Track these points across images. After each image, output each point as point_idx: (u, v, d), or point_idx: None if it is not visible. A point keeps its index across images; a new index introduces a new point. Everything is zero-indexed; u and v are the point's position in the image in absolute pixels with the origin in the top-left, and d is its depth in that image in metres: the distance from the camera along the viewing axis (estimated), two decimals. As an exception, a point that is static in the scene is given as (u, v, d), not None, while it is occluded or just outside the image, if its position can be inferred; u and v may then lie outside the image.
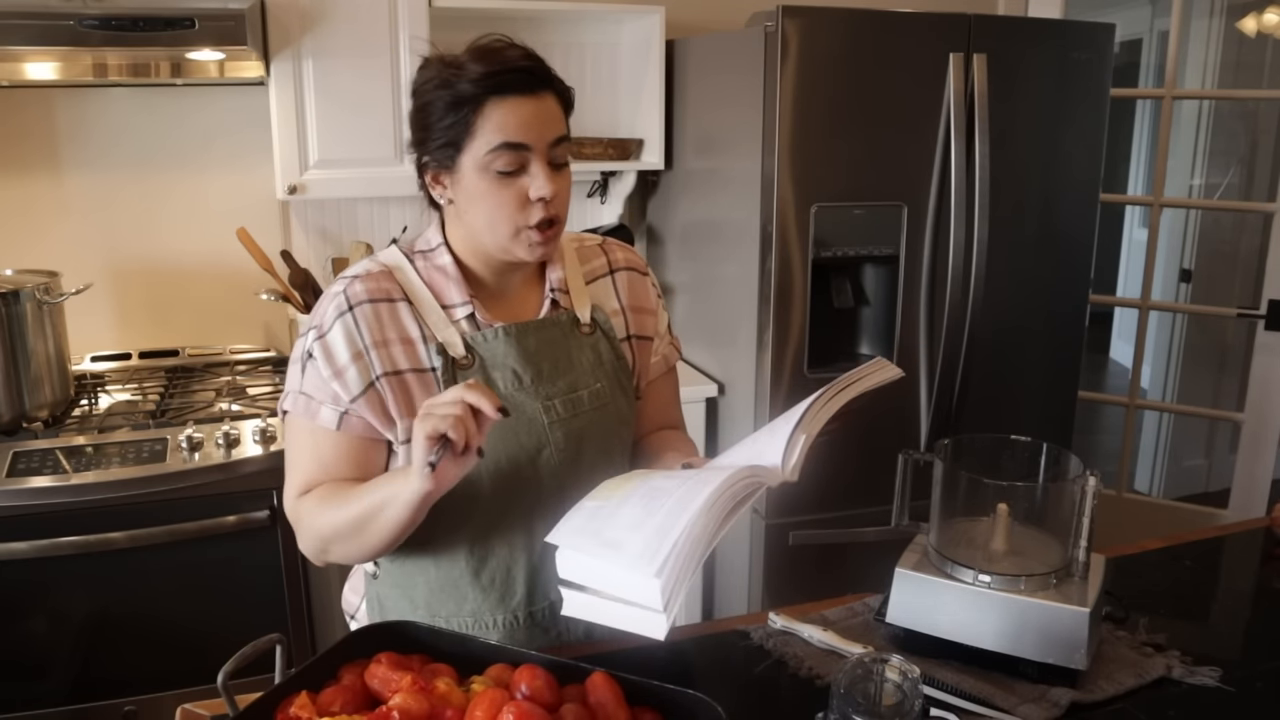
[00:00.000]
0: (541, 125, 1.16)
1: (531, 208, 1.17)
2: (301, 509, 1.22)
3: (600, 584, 0.97)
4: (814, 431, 1.07)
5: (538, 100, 1.16)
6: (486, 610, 1.26)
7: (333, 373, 1.18)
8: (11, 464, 2.01)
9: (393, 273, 1.24)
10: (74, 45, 2.04)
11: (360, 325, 1.19)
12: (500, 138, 1.14)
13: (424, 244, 1.28)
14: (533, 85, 1.16)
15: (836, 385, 1.13)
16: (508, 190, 1.17)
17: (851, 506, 2.34)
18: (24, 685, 2.03)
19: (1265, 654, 1.27)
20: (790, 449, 1.04)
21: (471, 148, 1.16)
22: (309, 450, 1.22)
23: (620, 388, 1.32)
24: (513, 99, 1.14)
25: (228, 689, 0.96)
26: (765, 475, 1.04)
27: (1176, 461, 3.99)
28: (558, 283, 1.30)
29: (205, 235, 2.63)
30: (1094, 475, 1.17)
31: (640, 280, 1.40)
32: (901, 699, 0.93)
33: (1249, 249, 3.78)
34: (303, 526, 1.22)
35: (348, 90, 2.38)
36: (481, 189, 1.17)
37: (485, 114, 1.14)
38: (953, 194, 2.28)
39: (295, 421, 1.23)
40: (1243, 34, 3.73)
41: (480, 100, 1.14)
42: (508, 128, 1.14)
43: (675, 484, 1.04)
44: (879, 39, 2.20)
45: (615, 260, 1.39)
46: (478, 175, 1.17)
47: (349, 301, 1.20)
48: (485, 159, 1.15)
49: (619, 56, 2.86)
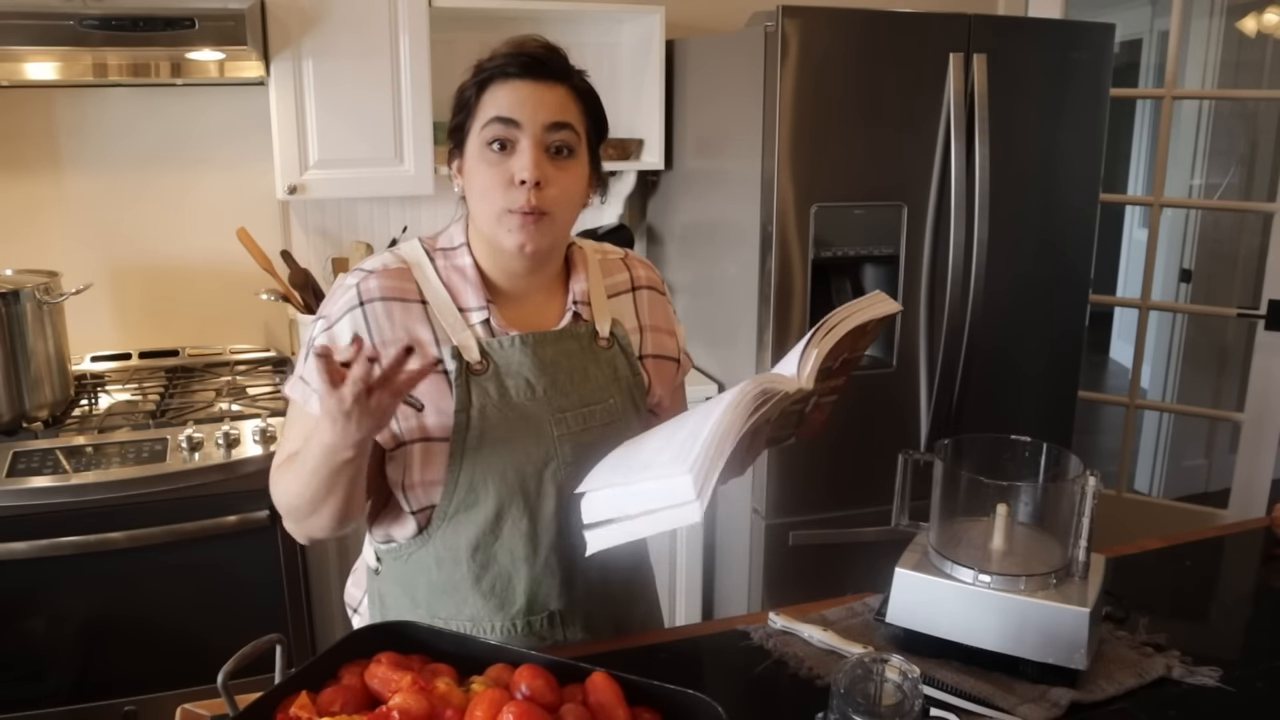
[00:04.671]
0: (537, 106, 1.16)
1: (515, 191, 1.16)
2: (274, 482, 1.23)
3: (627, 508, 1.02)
4: (824, 350, 1.09)
5: (543, 85, 1.17)
6: (485, 616, 1.25)
7: None
8: (11, 464, 2.01)
9: (411, 270, 1.23)
10: (74, 45, 2.04)
11: (370, 323, 1.18)
12: (493, 112, 1.16)
13: (447, 241, 1.27)
14: (541, 72, 1.17)
15: (837, 314, 1.14)
16: (496, 169, 1.16)
17: (851, 506, 2.34)
18: (24, 685, 2.03)
19: (1265, 654, 1.27)
20: (804, 361, 1.08)
21: (474, 128, 1.18)
22: (297, 432, 1.23)
23: (633, 404, 1.30)
24: (515, 80, 1.16)
25: (228, 689, 0.96)
26: (782, 383, 1.06)
27: (1176, 461, 3.99)
28: (581, 294, 1.28)
29: (205, 235, 2.63)
30: (1094, 475, 1.17)
31: (660, 300, 1.39)
32: (901, 699, 0.93)
33: (1249, 249, 3.78)
34: (277, 502, 1.23)
35: (348, 90, 2.38)
36: (475, 167, 1.18)
37: (490, 93, 1.17)
38: (953, 194, 2.28)
39: (293, 404, 1.24)
40: (1243, 34, 3.73)
41: (487, 81, 1.17)
42: (501, 103, 1.16)
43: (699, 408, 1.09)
44: (879, 39, 2.20)
45: (638, 278, 1.37)
46: (476, 155, 1.18)
47: (360, 297, 1.19)
48: (481, 135, 1.17)
49: (619, 56, 2.86)
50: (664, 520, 0.99)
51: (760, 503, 2.32)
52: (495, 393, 1.20)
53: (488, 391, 1.20)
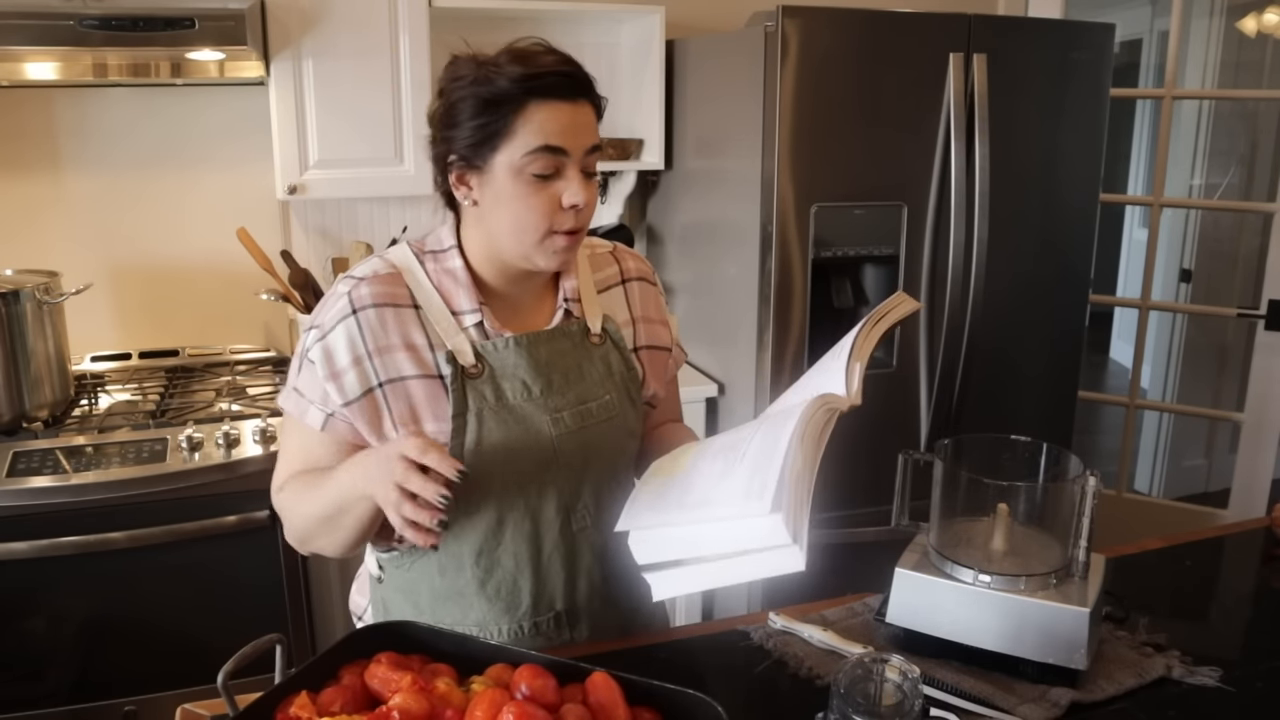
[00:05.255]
0: (580, 132, 1.14)
1: (562, 214, 1.15)
2: (283, 501, 1.24)
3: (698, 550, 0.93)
4: (864, 361, 1.07)
5: (577, 107, 1.14)
6: (492, 620, 1.25)
7: (328, 374, 1.17)
8: (11, 464, 2.01)
9: (401, 275, 1.22)
10: (74, 45, 2.04)
11: (364, 330, 1.17)
12: (540, 140, 1.12)
13: (435, 244, 1.25)
14: (574, 91, 1.14)
15: (867, 323, 1.13)
16: (540, 195, 1.14)
17: (851, 506, 2.34)
18: (24, 685, 2.03)
19: (1265, 654, 1.27)
20: (850, 376, 1.04)
21: (508, 148, 1.13)
22: (296, 445, 1.24)
23: (629, 399, 1.30)
24: (555, 103, 1.12)
25: (228, 689, 0.96)
26: (836, 402, 1.02)
27: (1176, 461, 3.99)
28: (571, 292, 1.28)
29: (205, 235, 2.63)
30: (1094, 475, 1.17)
31: (651, 291, 1.39)
32: (901, 699, 0.93)
33: (1249, 249, 3.78)
34: (285, 519, 1.25)
35: (348, 90, 2.38)
36: (513, 191, 1.15)
37: (526, 115, 1.12)
38: (953, 194, 2.28)
39: (287, 416, 1.24)
40: (1243, 34, 3.73)
41: (522, 101, 1.12)
42: (548, 131, 1.12)
43: (748, 433, 1.01)
44: (879, 39, 2.20)
45: (627, 270, 1.37)
46: (511, 177, 1.14)
47: (353, 305, 1.18)
48: (522, 161, 1.13)
49: (619, 56, 2.86)
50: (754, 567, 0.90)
51: (760, 503, 2.31)
52: (492, 396, 1.20)
53: (484, 395, 1.19)
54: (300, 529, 1.23)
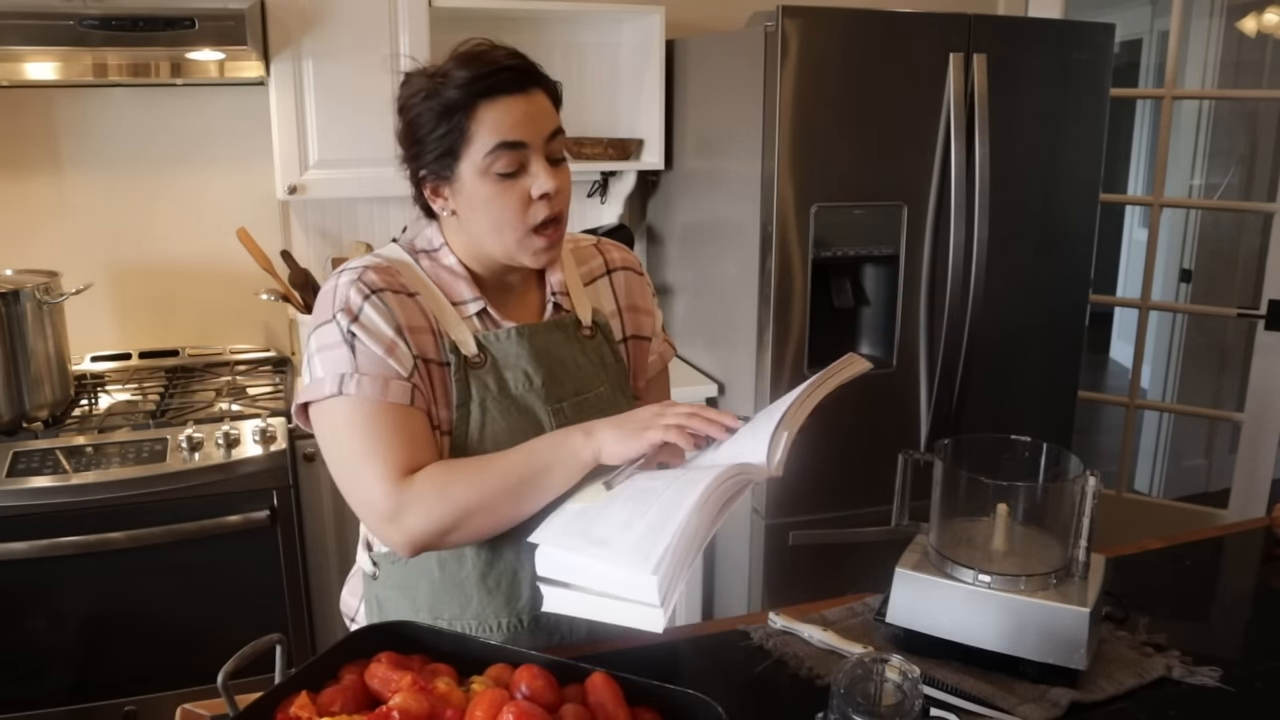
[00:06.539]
0: (536, 121, 1.16)
1: (535, 206, 1.17)
2: (420, 489, 1.12)
3: (587, 581, 0.99)
4: (794, 429, 1.08)
5: (528, 98, 1.16)
6: (491, 613, 1.25)
7: (385, 349, 1.14)
8: (11, 464, 2.01)
9: (398, 269, 1.22)
10: (74, 45, 2.04)
11: (390, 308, 1.16)
12: (496, 138, 1.14)
13: (426, 243, 1.26)
14: (521, 83, 1.15)
15: (812, 384, 1.13)
16: (510, 192, 1.16)
17: (851, 506, 2.34)
18: (24, 685, 2.03)
19: (1265, 654, 1.27)
20: (774, 446, 1.05)
21: (469, 154, 1.15)
22: (387, 431, 1.13)
23: (620, 390, 1.31)
24: (503, 99, 1.14)
25: (228, 689, 0.96)
26: (752, 472, 1.04)
27: (1176, 461, 3.99)
28: (558, 285, 1.29)
29: (205, 235, 2.63)
30: (1094, 475, 1.17)
31: (637, 280, 1.40)
32: (901, 699, 0.93)
33: (1249, 249, 3.78)
34: (428, 505, 1.12)
35: (348, 90, 2.38)
36: (484, 194, 1.16)
37: (478, 118, 1.14)
38: (953, 194, 2.28)
39: (358, 406, 1.13)
40: (1243, 34, 3.73)
41: (471, 104, 1.13)
42: (502, 128, 1.14)
43: (663, 484, 1.04)
44: (879, 39, 2.20)
45: (612, 260, 1.38)
46: (479, 180, 1.16)
47: (369, 287, 1.17)
48: (484, 162, 1.14)
49: (619, 56, 2.86)
50: (624, 614, 0.96)
51: (760, 503, 2.32)
52: (495, 385, 1.21)
53: (487, 385, 1.20)
54: (465, 508, 1.12)
